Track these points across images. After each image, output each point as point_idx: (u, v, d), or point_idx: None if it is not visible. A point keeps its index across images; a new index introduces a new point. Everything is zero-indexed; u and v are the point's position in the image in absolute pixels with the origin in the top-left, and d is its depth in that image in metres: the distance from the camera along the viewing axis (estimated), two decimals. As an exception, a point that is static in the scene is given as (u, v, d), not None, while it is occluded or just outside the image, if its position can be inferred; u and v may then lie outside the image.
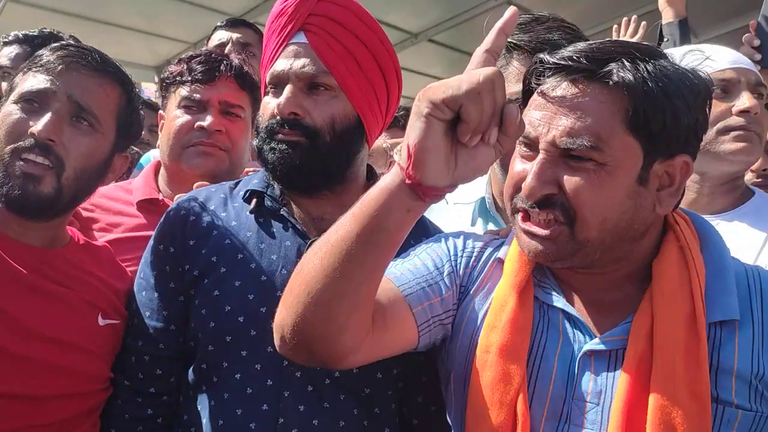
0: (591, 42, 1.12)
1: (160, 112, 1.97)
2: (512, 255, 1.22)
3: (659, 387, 1.03)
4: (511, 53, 1.43)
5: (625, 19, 2.15)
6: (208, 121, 1.78)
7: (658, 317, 1.08)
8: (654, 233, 1.16)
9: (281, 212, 1.41)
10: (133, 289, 1.49)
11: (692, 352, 1.05)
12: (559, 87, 1.09)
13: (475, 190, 1.62)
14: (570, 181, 1.07)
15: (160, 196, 1.84)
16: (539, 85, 1.12)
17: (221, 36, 2.86)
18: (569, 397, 1.11)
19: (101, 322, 1.42)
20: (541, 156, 1.09)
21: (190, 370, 1.39)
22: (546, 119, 1.09)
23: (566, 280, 1.21)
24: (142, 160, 2.79)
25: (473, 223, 1.60)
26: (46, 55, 1.35)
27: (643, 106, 1.05)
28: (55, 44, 1.39)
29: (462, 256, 1.28)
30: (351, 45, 1.36)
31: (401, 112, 2.69)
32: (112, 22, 5.52)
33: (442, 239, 1.33)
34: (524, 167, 1.12)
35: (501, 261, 1.25)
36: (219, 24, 2.99)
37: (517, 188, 1.13)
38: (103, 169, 1.42)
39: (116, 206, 1.84)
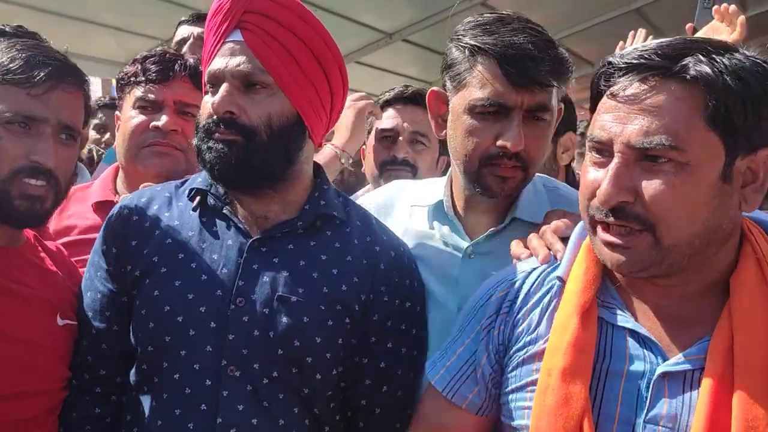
0: (660, 40, 1.07)
1: (117, 112, 1.96)
2: (576, 275, 1.17)
3: (742, 410, 0.97)
4: (474, 57, 1.38)
5: (631, 32, 2.16)
6: (163, 121, 1.78)
7: (739, 335, 1.02)
8: (734, 240, 1.11)
9: (224, 211, 1.41)
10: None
11: None
12: (630, 86, 1.04)
13: (433, 193, 1.60)
14: (648, 186, 1.02)
15: (116, 198, 1.82)
16: (608, 87, 1.08)
17: (183, 32, 2.80)
18: (640, 421, 1.06)
19: (60, 321, 1.42)
20: (616, 160, 1.04)
21: (132, 371, 1.38)
22: (619, 120, 1.04)
23: (640, 296, 1.15)
24: (108, 152, 2.76)
25: (430, 223, 1.58)
26: (27, 67, 1.33)
27: (724, 100, 1.00)
28: (39, 57, 1.36)
29: (496, 319, 1.26)
30: (289, 42, 1.34)
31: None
32: (84, 18, 5.46)
33: (477, 315, 1.30)
34: (597, 175, 1.07)
35: (561, 279, 1.20)
36: (183, 19, 2.94)
37: (591, 197, 1.09)
38: (74, 167, 1.50)
39: (74, 208, 1.84)
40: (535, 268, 1.27)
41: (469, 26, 1.42)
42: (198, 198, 1.43)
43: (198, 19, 2.77)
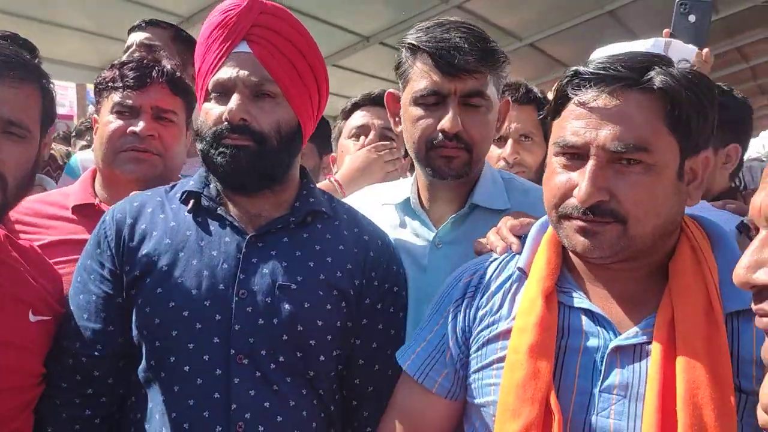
0: (618, 54, 1.20)
1: (94, 116, 1.97)
2: (539, 265, 1.29)
3: (685, 375, 1.09)
4: (415, 54, 1.56)
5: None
6: (140, 126, 1.80)
7: (679, 311, 1.15)
8: (676, 231, 1.24)
9: (218, 211, 1.47)
10: (65, 292, 1.51)
11: (713, 341, 1.12)
12: (600, 96, 1.15)
13: (401, 191, 1.73)
14: (623, 186, 1.13)
15: (96, 201, 1.84)
16: (576, 95, 1.17)
17: (130, 40, 2.69)
18: (596, 391, 1.17)
19: (32, 318, 1.42)
20: (592, 162, 1.14)
21: (138, 370, 1.43)
22: (592, 126, 1.14)
23: (594, 280, 1.27)
24: (70, 162, 2.71)
25: (400, 219, 1.70)
26: None
27: (682, 108, 1.13)
28: None
29: (461, 304, 1.37)
30: (291, 54, 1.44)
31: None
32: (58, 22, 5.41)
33: (444, 301, 1.41)
34: (568, 176, 1.17)
35: (522, 270, 1.32)
36: (133, 25, 2.85)
37: (563, 198, 1.18)
38: (36, 167, 1.44)
39: (51, 210, 1.83)
40: (495, 259, 1.40)
41: (413, 31, 1.59)
42: (192, 200, 1.48)
43: (145, 26, 2.68)
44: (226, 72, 1.41)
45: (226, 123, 1.40)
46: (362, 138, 2.28)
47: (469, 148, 1.56)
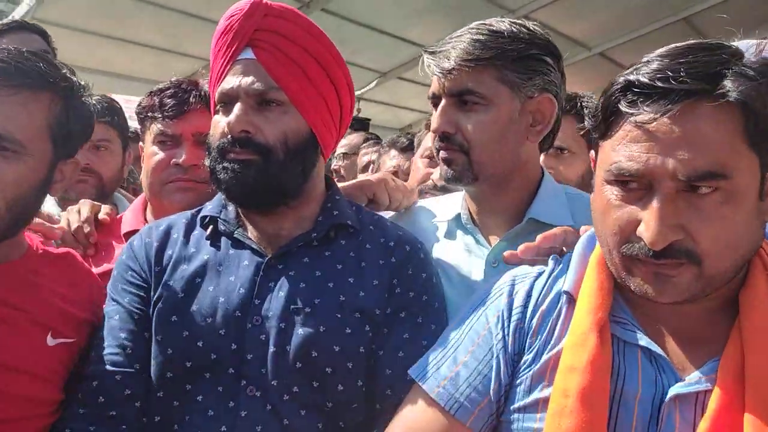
0: (676, 53, 0.98)
1: (140, 144, 1.98)
2: (588, 289, 1.10)
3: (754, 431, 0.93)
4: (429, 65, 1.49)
5: None
6: (182, 158, 1.79)
7: (752, 355, 0.97)
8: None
9: (235, 235, 1.41)
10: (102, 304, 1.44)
11: None
12: (663, 114, 0.94)
13: (451, 207, 1.63)
14: (697, 220, 0.95)
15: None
16: (632, 113, 0.98)
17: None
18: None
19: (50, 342, 1.32)
20: (659, 197, 0.96)
21: (153, 396, 1.34)
22: (656, 151, 0.95)
23: (651, 313, 1.09)
24: None
25: (451, 237, 1.60)
26: None
27: (763, 118, 0.94)
28: None
29: (509, 325, 1.18)
30: (300, 59, 1.35)
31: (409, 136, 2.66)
32: (132, 40, 5.61)
33: (482, 316, 1.21)
34: (629, 210, 1.00)
35: (569, 294, 1.14)
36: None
37: (625, 237, 1.01)
38: (42, 188, 1.31)
39: (107, 239, 1.87)
40: (542, 272, 1.22)
41: None
42: (211, 226, 1.43)
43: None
44: (230, 81, 1.35)
45: (229, 136, 1.33)
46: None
47: (464, 149, 1.45)
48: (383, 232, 1.45)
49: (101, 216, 1.91)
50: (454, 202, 1.64)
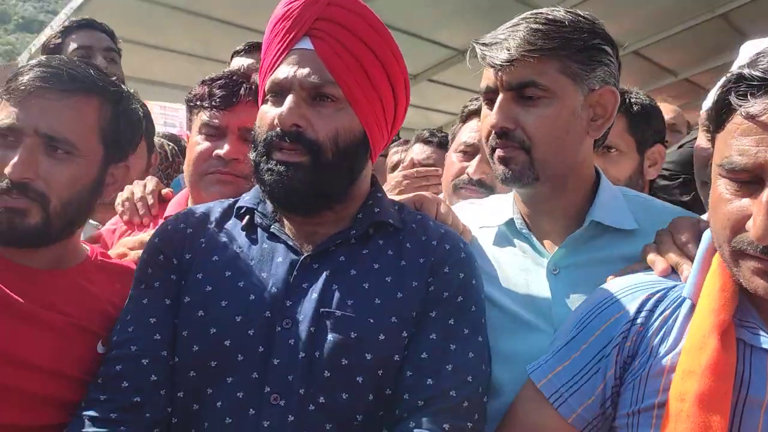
0: None
1: (186, 132, 1.97)
2: (709, 292, 1.08)
3: None
4: (476, 57, 1.42)
5: None
6: (224, 149, 1.75)
7: None
8: None
9: (272, 229, 1.33)
10: None
11: None
12: None
13: (500, 212, 1.53)
14: None
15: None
16: (742, 105, 0.98)
17: (235, 64, 2.69)
18: None
19: (101, 349, 1.32)
20: None
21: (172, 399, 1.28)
22: (766, 144, 0.95)
23: None
24: (178, 177, 2.82)
25: (502, 243, 1.50)
26: (16, 79, 1.27)
27: None
28: (27, 64, 1.30)
29: (629, 329, 1.15)
30: (360, 53, 1.25)
31: (442, 134, 2.64)
32: (167, 47, 5.70)
33: (598, 317, 1.19)
34: (740, 204, 0.99)
35: (689, 300, 1.12)
36: (237, 49, 2.84)
37: (735, 230, 1.00)
38: (95, 189, 1.35)
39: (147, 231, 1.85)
40: (660, 282, 1.20)
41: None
42: (247, 216, 1.36)
43: (252, 49, 2.77)
44: (284, 71, 1.26)
45: (278, 129, 1.25)
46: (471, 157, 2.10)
47: (525, 146, 1.35)
48: (425, 230, 1.36)
49: (164, 191, 1.93)
50: (502, 206, 1.54)
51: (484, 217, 1.58)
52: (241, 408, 1.20)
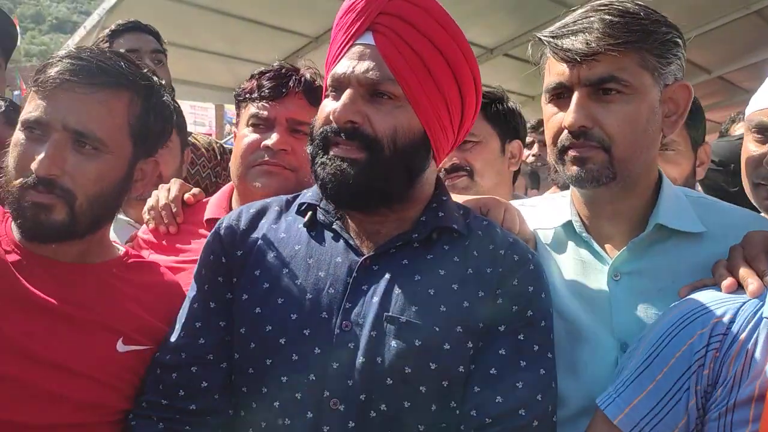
0: None
1: (234, 129, 1.96)
2: None
3: None
4: (544, 48, 1.35)
5: None
6: (273, 140, 1.72)
7: None
8: None
9: (333, 226, 1.30)
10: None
11: None
12: None
13: (558, 212, 1.46)
14: None
15: None
16: None
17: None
18: None
19: (121, 348, 1.30)
20: None
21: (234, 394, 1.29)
22: None
23: None
24: None
25: (559, 246, 1.43)
26: (45, 71, 1.25)
27: None
28: (56, 55, 1.27)
29: (705, 354, 1.09)
30: (423, 50, 1.21)
31: None
32: (198, 47, 5.76)
33: (671, 342, 1.13)
34: None
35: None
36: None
37: None
38: (123, 185, 1.33)
39: (187, 226, 1.86)
40: (735, 300, 1.13)
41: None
42: (308, 213, 1.33)
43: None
44: (343, 65, 1.22)
45: (333, 125, 1.22)
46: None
47: (605, 145, 1.28)
48: (493, 239, 1.30)
49: (186, 196, 1.90)
50: (559, 208, 1.47)
51: (540, 218, 1.51)
52: (299, 410, 1.19)
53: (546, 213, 1.50)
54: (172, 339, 1.32)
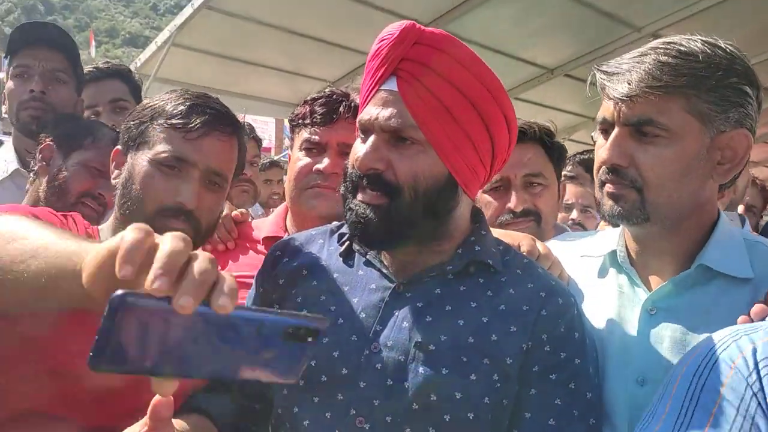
0: None
1: (289, 152, 2.04)
2: None
3: None
4: (596, 86, 1.35)
5: None
6: (324, 164, 1.80)
7: None
8: None
9: (368, 256, 1.35)
10: None
11: None
12: None
13: (604, 243, 1.45)
14: None
15: (285, 235, 1.85)
16: None
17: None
18: None
19: None
20: None
21: (272, 415, 1.35)
22: None
23: None
24: None
25: (602, 275, 1.42)
26: (187, 113, 1.42)
27: None
28: (200, 106, 1.45)
29: (758, 379, 0.97)
30: (446, 96, 1.22)
31: None
32: (259, 62, 5.91)
33: (709, 378, 1.00)
34: None
35: None
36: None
37: None
38: (220, 213, 1.54)
39: (249, 244, 1.93)
40: None
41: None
42: (346, 243, 1.38)
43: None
44: (368, 111, 1.25)
45: (358, 171, 1.26)
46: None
47: (637, 186, 1.26)
48: (532, 278, 1.30)
49: (234, 213, 1.99)
50: (610, 237, 1.46)
51: (588, 246, 1.51)
52: (327, 428, 1.22)
53: (595, 242, 1.50)
54: None
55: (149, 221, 1.29)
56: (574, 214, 2.97)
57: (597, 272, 1.43)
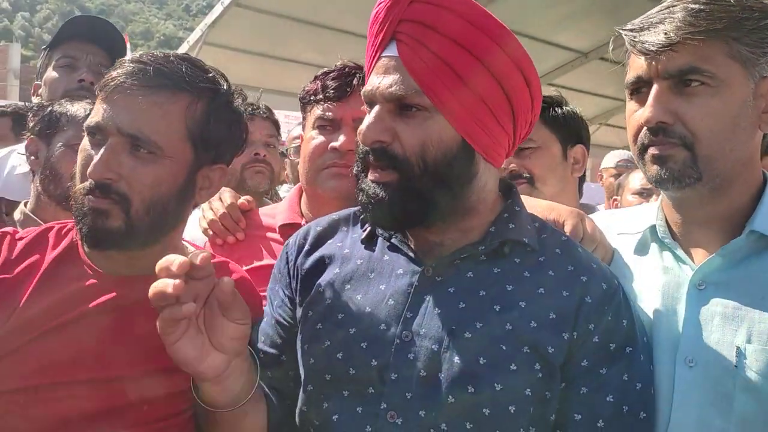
0: None
1: (301, 132, 1.89)
2: None
3: None
4: (625, 45, 1.25)
5: None
6: (340, 141, 1.65)
7: None
8: None
9: (393, 240, 1.25)
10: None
11: None
12: None
13: (642, 219, 1.37)
14: None
15: (303, 221, 1.75)
16: None
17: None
18: None
19: None
20: None
21: (296, 412, 1.26)
22: None
23: None
24: None
25: (642, 252, 1.34)
26: (109, 74, 1.25)
27: None
28: (121, 60, 1.26)
29: None
30: (449, 54, 1.12)
31: None
32: (291, 58, 5.95)
33: None
34: None
35: None
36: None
37: None
38: (184, 192, 1.29)
39: (259, 232, 1.81)
40: None
41: None
42: (368, 228, 1.29)
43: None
44: (371, 81, 1.17)
45: (363, 147, 1.18)
46: None
47: (687, 142, 1.17)
48: (573, 260, 1.21)
49: (240, 201, 1.87)
50: (647, 212, 1.38)
51: (624, 223, 1.42)
52: (358, 424, 1.15)
53: (632, 218, 1.42)
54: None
55: (80, 204, 1.19)
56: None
57: (637, 250, 1.35)
